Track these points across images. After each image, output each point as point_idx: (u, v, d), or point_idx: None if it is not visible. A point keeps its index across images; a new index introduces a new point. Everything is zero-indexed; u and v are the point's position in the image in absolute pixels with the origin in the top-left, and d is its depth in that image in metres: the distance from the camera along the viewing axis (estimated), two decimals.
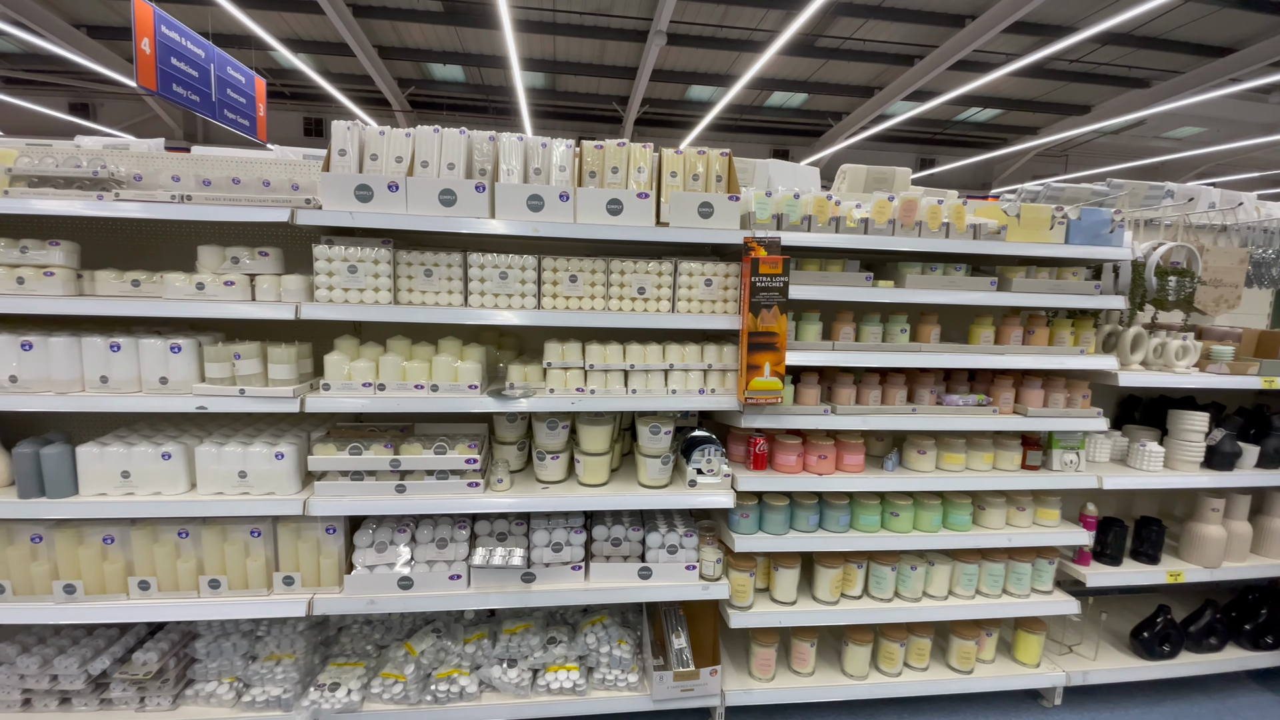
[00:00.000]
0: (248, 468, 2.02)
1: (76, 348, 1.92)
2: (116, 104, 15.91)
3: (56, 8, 11.62)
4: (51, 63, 14.11)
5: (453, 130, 2.09)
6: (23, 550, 2.00)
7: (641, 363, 2.17)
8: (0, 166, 1.89)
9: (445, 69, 13.90)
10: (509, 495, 2.16)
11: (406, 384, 2.06)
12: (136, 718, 2.08)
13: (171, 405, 1.94)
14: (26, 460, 1.93)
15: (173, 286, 1.92)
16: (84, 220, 2.22)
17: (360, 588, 2.09)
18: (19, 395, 1.90)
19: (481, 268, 2.08)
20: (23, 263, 1.89)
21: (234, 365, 1.97)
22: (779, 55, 8.74)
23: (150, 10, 7.15)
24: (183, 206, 1.88)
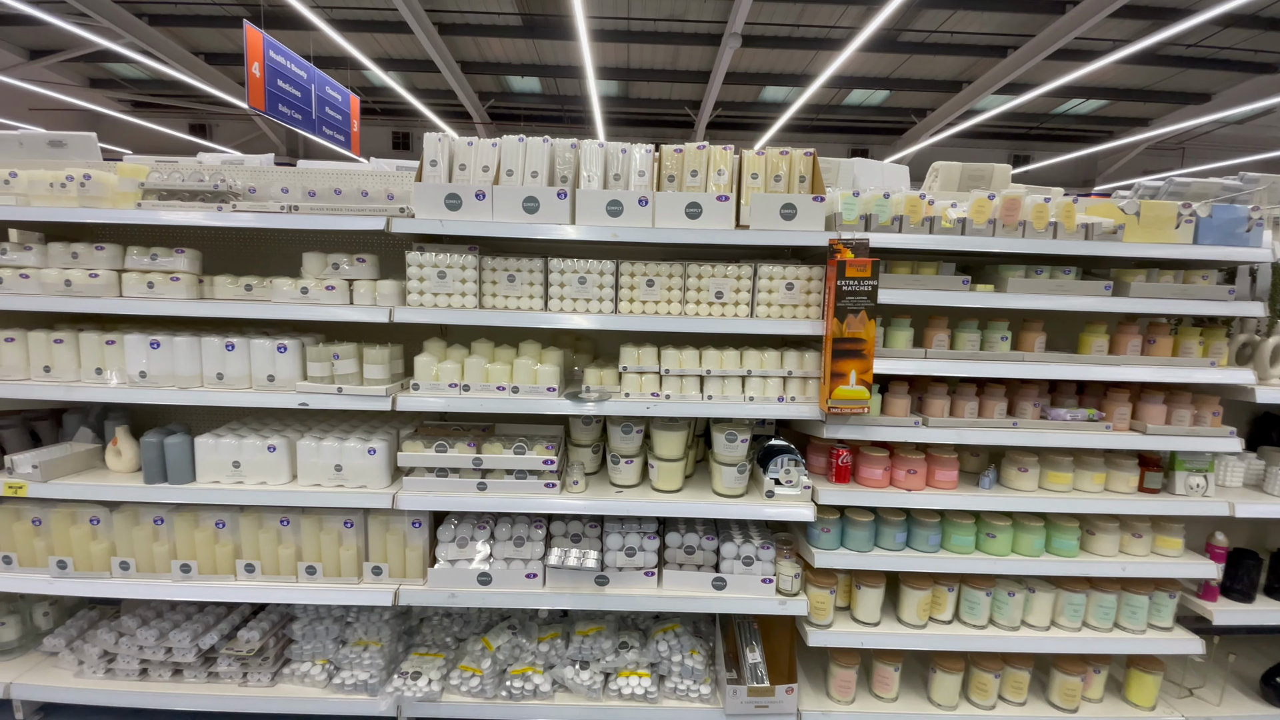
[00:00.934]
0: (343, 462, 2.13)
1: (197, 347, 2.10)
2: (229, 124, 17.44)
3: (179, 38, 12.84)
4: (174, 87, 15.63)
5: (536, 139, 2.13)
6: (146, 531, 2.20)
7: (718, 368, 2.13)
8: (134, 181, 2.09)
9: (523, 81, 14.34)
10: (584, 497, 2.17)
11: (489, 385, 2.11)
12: (239, 692, 2.23)
13: (277, 401, 2.08)
14: (152, 449, 2.12)
15: (280, 290, 2.06)
16: (205, 229, 2.43)
17: (442, 581, 2.16)
18: (147, 389, 2.09)
19: (561, 273, 2.11)
20: (153, 269, 2.08)
21: (333, 365, 2.08)
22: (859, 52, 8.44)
23: (260, 37, 7.78)
24: (291, 216, 2.01)
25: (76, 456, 2.23)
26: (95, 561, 2.17)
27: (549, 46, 12.44)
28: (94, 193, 2.05)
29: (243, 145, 17.36)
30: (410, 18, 10.05)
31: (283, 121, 8.24)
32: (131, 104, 16.73)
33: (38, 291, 2.07)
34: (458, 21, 11.83)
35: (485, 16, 11.43)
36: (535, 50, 12.61)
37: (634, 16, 10.07)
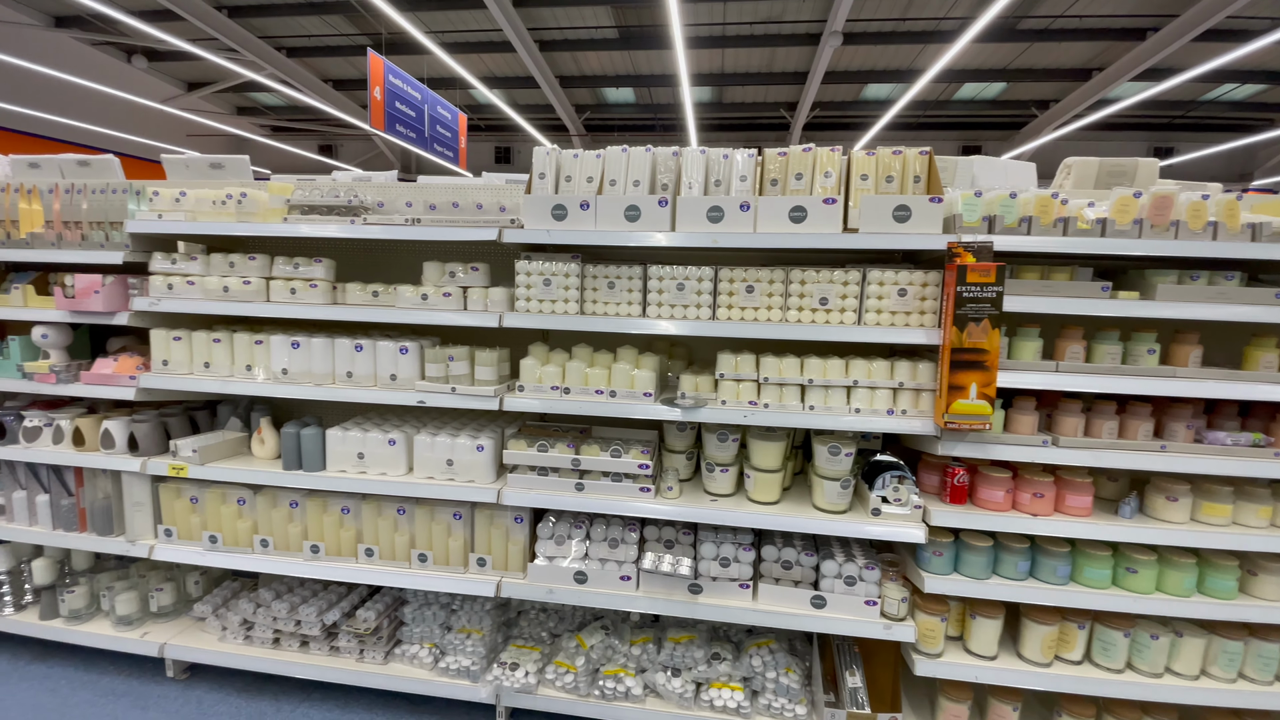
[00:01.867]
0: (454, 457, 2.26)
1: (331, 347, 2.30)
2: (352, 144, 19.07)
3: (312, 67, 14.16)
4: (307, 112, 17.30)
5: (639, 149, 2.16)
6: (283, 513, 2.43)
7: (821, 377, 2.06)
8: (281, 198, 2.32)
9: (618, 92, 14.63)
10: (678, 504, 2.17)
11: (588, 389, 2.16)
12: (356, 666, 2.41)
13: (398, 399, 2.23)
14: (290, 439, 2.34)
15: (403, 297, 2.22)
16: (339, 240, 2.66)
17: (541, 577, 2.23)
18: (288, 385, 2.31)
19: (660, 279, 2.12)
20: (295, 276, 2.30)
21: (447, 366, 2.21)
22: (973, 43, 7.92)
23: (381, 63, 8.43)
24: (414, 228, 2.16)
25: (227, 443, 2.51)
26: (240, 538, 2.43)
27: (644, 56, 12.63)
28: (248, 209, 2.31)
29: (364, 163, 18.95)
30: (514, 37, 10.54)
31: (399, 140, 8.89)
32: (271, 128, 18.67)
33: (201, 297, 2.35)
34: (557, 38, 12.27)
35: (583, 31, 11.77)
36: (630, 61, 12.85)
37: (729, 21, 10.01)
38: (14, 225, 2.50)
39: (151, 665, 2.63)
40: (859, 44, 9.77)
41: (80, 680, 2.54)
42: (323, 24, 12.29)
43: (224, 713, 2.37)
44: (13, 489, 2.65)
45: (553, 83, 12.87)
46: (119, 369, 2.44)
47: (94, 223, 2.43)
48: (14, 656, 2.67)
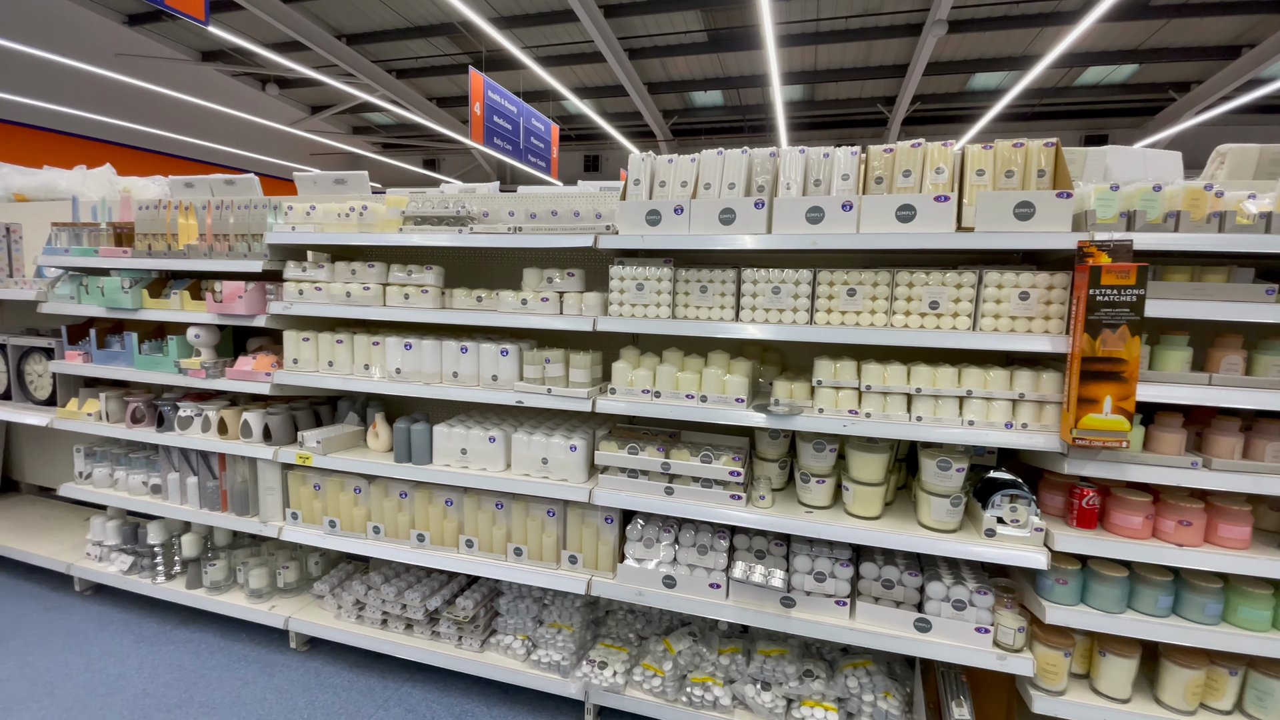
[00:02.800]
0: (549, 456, 2.33)
1: (439, 349, 2.44)
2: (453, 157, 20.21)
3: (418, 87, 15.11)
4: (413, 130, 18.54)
5: (735, 151, 2.14)
6: (393, 502, 2.60)
7: (930, 386, 1.94)
8: (397, 210, 2.49)
9: (706, 95, 14.60)
10: (769, 514, 2.12)
11: (678, 393, 2.16)
12: (455, 652, 2.53)
13: (498, 398, 2.33)
14: (401, 434, 2.51)
15: (504, 302, 2.32)
16: (448, 249, 2.82)
17: (630, 578, 2.25)
18: (401, 383, 2.48)
19: (754, 282, 2.09)
20: (408, 283, 2.46)
21: (544, 368, 2.29)
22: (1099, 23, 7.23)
23: (481, 80, 8.86)
24: (515, 236, 2.25)
25: (346, 436, 2.72)
26: (356, 524, 2.62)
27: (733, 58, 12.52)
28: (369, 220, 2.49)
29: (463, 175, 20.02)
30: (604, 47, 10.77)
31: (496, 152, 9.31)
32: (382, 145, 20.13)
33: (326, 301, 2.56)
34: (646, 45, 12.40)
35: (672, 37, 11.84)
36: (719, 64, 12.78)
37: (823, 17, 9.71)
38: (174, 238, 2.84)
39: (277, 636, 2.89)
40: (965, 31, 9.18)
41: (217, 645, 2.83)
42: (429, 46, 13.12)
43: (338, 685, 2.57)
44: (168, 471, 3.01)
45: (641, 90, 13.04)
46: (257, 366, 2.71)
47: (239, 235, 2.71)
48: (163, 620, 3.02)
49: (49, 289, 3.12)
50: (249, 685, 2.55)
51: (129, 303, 2.84)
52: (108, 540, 3.17)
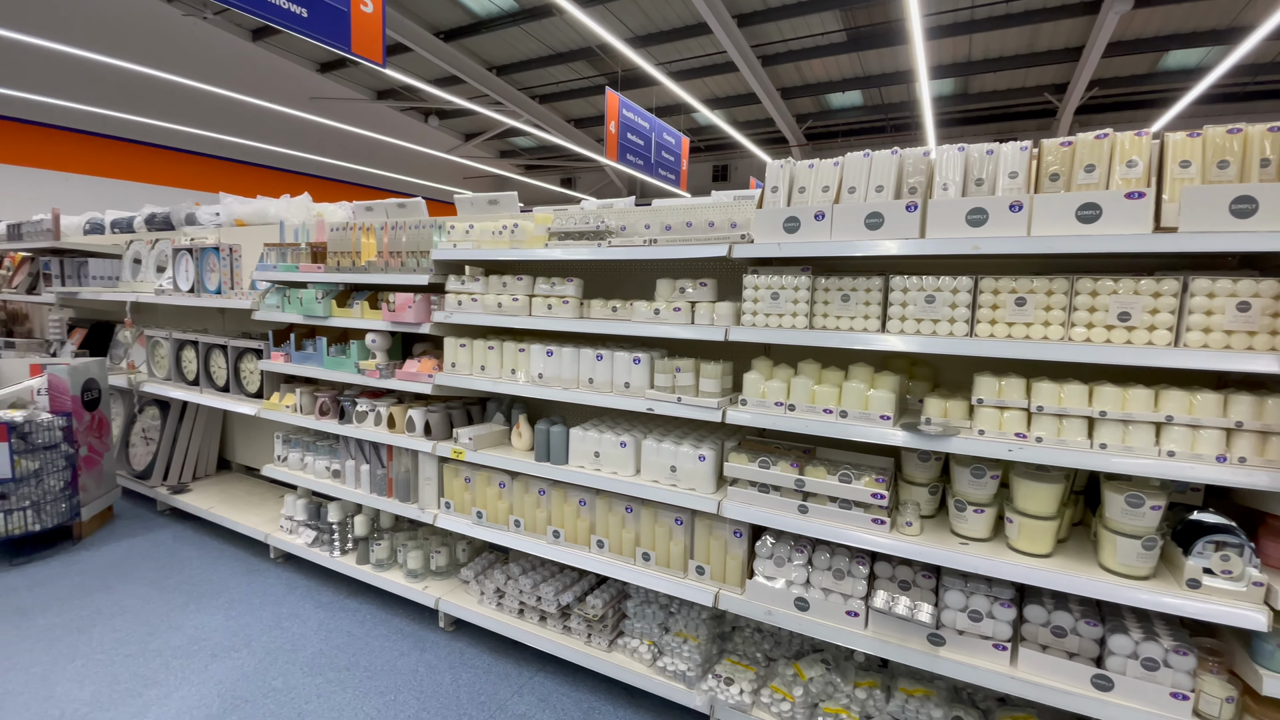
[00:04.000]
0: (677, 464, 2.34)
1: (577, 356, 2.56)
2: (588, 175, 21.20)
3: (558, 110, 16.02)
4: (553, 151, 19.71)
5: (884, 152, 2.02)
6: (532, 499, 2.75)
7: (1118, 410, 1.69)
8: (544, 227, 2.65)
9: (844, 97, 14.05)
10: (918, 542, 1.96)
11: (815, 407, 2.07)
12: (584, 648, 2.61)
13: (630, 405, 2.39)
14: (542, 434, 2.65)
15: (638, 311, 2.38)
16: (587, 262, 2.95)
17: (759, 596, 2.19)
18: (542, 388, 2.63)
19: (904, 291, 1.95)
20: (551, 294, 2.61)
21: (674, 377, 2.31)
22: None
23: (617, 99, 9.20)
24: (649, 248, 2.31)
25: (494, 434, 2.93)
26: (499, 516, 2.81)
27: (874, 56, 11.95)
28: (519, 237, 2.68)
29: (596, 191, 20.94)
30: (737, 56, 10.74)
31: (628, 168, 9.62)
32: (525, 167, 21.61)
33: (481, 311, 2.79)
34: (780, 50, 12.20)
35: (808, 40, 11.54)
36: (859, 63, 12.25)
37: (978, 4, 8.96)
38: (357, 255, 3.25)
39: (428, 614, 3.17)
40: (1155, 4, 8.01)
41: (379, 617, 3.16)
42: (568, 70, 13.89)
43: (478, 666, 2.76)
44: (346, 458, 3.43)
45: (774, 96, 12.83)
46: (421, 368, 3.02)
47: (409, 252, 3.04)
48: (337, 589, 3.43)
49: (260, 299, 3.70)
50: (404, 657, 2.82)
51: (321, 311, 3.29)
52: (297, 516, 3.68)
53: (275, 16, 4.09)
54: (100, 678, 2.61)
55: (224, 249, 3.95)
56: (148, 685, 2.58)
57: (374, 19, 4.93)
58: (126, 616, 3.10)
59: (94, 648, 2.82)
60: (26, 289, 5.76)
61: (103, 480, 4.22)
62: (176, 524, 4.31)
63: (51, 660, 2.72)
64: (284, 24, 4.16)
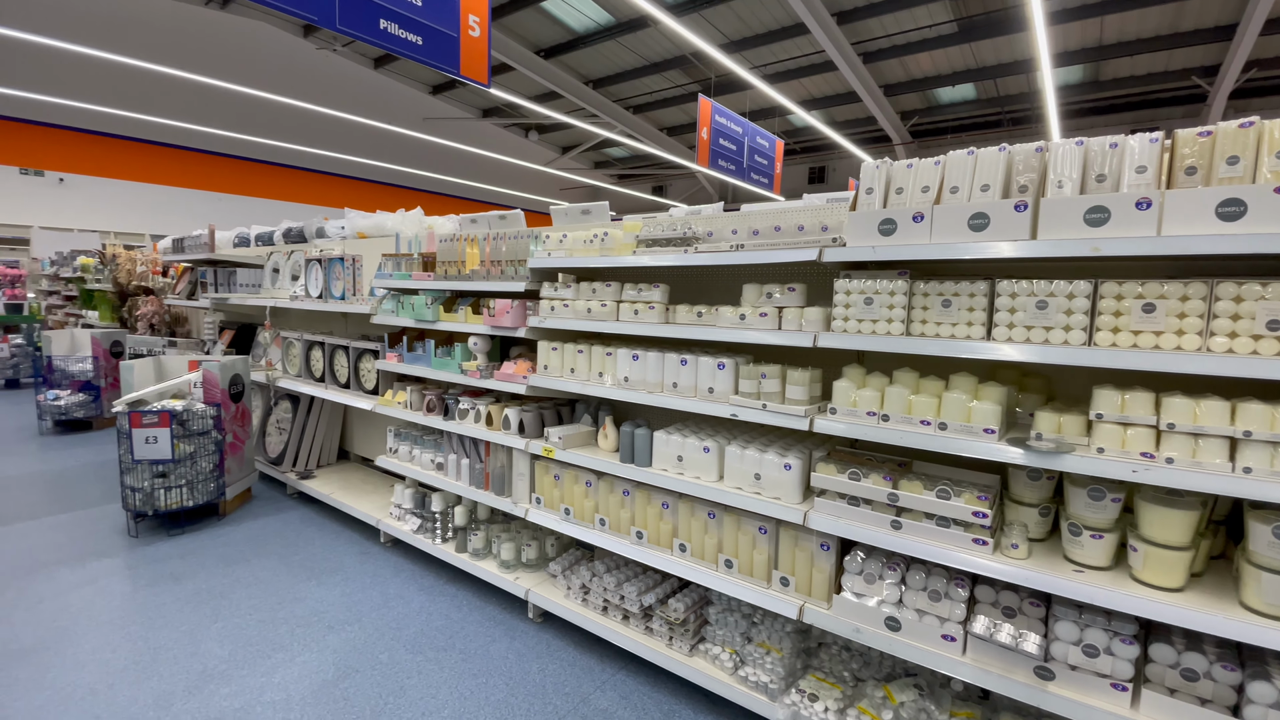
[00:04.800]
0: (762, 472, 2.31)
1: (661, 361, 2.60)
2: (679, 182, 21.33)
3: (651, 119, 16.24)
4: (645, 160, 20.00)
5: (990, 150, 1.91)
6: (617, 499, 2.81)
7: (1266, 430, 1.49)
8: (632, 235, 2.72)
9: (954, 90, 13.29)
10: (1025, 566, 1.82)
11: (911, 418, 1.98)
12: (665, 650, 2.63)
13: (713, 410, 2.40)
14: (627, 436, 2.71)
15: (723, 317, 2.38)
16: (674, 268, 2.98)
17: (847, 612, 2.11)
18: (628, 391, 2.69)
19: (1013, 296, 1.83)
20: (638, 300, 2.67)
21: (759, 383, 2.29)
22: None
23: (709, 105, 9.20)
24: (736, 254, 2.31)
25: (581, 434, 3.03)
26: (586, 514, 2.90)
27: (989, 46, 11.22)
28: (609, 245, 2.77)
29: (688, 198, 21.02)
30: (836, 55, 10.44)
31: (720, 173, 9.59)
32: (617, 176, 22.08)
33: (572, 316, 2.90)
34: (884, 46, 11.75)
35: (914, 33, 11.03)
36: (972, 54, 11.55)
37: None
38: (462, 264, 3.48)
39: (518, 605, 3.32)
40: None
41: (474, 604, 3.35)
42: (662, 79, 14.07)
43: (564, 659, 2.85)
44: (449, 452, 3.66)
45: (876, 93, 12.35)
46: (517, 370, 3.18)
47: (508, 261, 3.22)
48: (438, 575, 3.67)
49: (378, 305, 4.04)
50: (496, 643, 2.97)
51: (430, 316, 3.55)
52: (404, 504, 3.97)
53: (395, 45, 4.48)
54: (236, 639, 2.96)
55: (347, 259, 4.36)
56: (275, 649, 2.89)
57: (480, 42, 5.26)
58: (259, 586, 3.48)
59: (232, 611, 3.20)
60: (187, 295, 6.64)
61: (243, 464, 4.77)
62: (303, 506, 4.78)
63: (198, 620, 3.12)
64: (401, 51, 4.54)
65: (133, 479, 4.06)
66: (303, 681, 2.65)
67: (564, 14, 12.00)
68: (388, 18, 4.47)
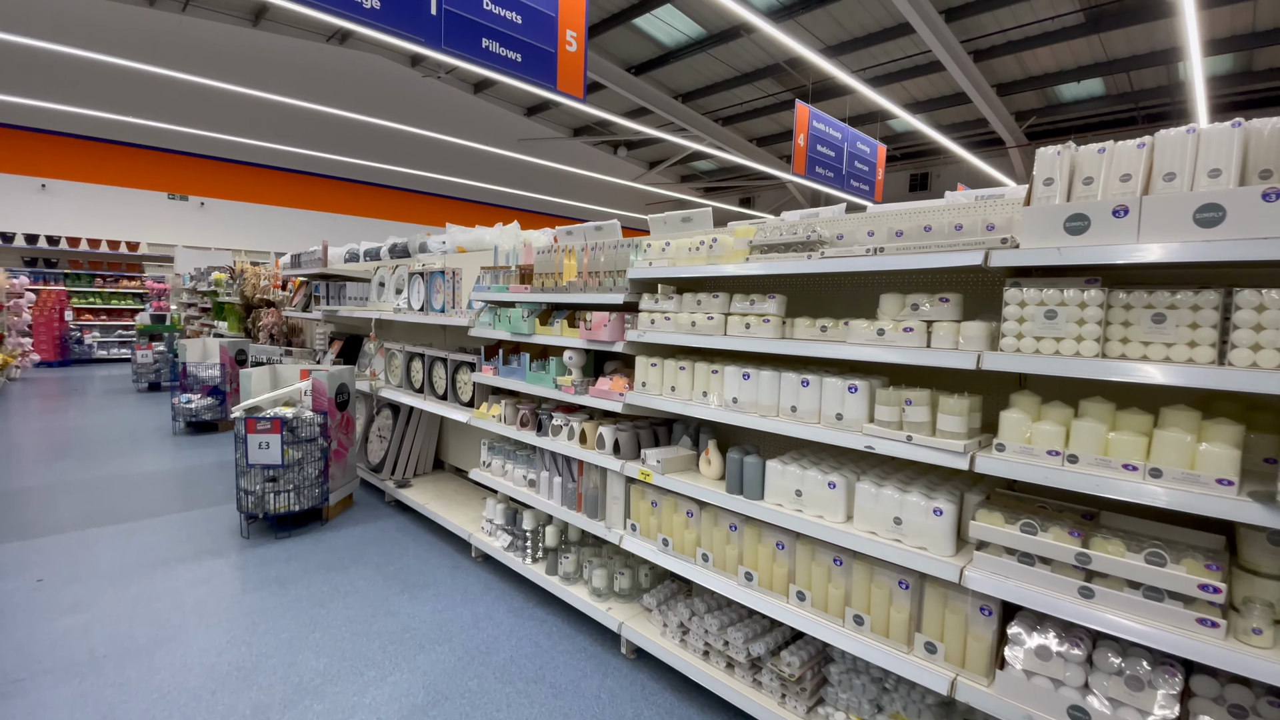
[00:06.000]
0: (903, 515, 1.97)
1: (777, 381, 2.32)
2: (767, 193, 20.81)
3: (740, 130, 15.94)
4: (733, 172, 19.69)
5: (1220, 126, 1.51)
6: (722, 533, 2.54)
7: None
8: (745, 241, 2.47)
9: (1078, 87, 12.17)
10: (1270, 657, 1.38)
11: (1109, 460, 1.59)
12: (777, 709, 2.33)
13: (842, 440, 2.08)
14: (735, 464, 2.45)
15: (855, 332, 2.07)
16: (790, 277, 2.71)
17: (1014, 692, 1.73)
18: (736, 413, 2.42)
19: (1259, 310, 1.42)
20: (749, 312, 2.41)
21: (902, 411, 1.96)
22: None
23: (807, 111, 8.81)
24: (875, 259, 2.00)
25: (681, 458, 2.79)
26: (686, 546, 2.65)
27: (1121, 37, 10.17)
28: (717, 252, 2.54)
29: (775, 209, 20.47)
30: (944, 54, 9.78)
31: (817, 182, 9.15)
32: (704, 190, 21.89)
33: (673, 330, 2.68)
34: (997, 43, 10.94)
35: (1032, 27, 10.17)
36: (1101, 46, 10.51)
37: None
38: (559, 276, 3.36)
39: (610, 637, 3.11)
40: None
41: (564, 632, 3.17)
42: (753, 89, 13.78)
43: (660, 704, 2.60)
44: (541, 469, 3.54)
45: (987, 93, 11.48)
46: (613, 386, 3.00)
47: (606, 272, 3.06)
48: (527, 597, 3.53)
49: (475, 318, 4.02)
50: (587, 679, 2.77)
51: (526, 329, 3.46)
52: (495, 519, 3.89)
53: (495, 63, 4.52)
54: (332, 652, 2.93)
55: (448, 272, 4.39)
56: (368, 665, 2.83)
57: (577, 56, 5.23)
58: (356, 596, 3.49)
59: (329, 622, 3.20)
60: (302, 307, 7.04)
61: (346, 471, 4.91)
62: (399, 515, 4.84)
63: (297, 628, 3.13)
64: (501, 69, 4.58)
65: (246, 482, 4.24)
66: (393, 704, 2.56)
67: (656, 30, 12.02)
68: (489, 36, 4.52)
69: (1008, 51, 10.58)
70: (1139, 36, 9.89)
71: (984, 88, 10.95)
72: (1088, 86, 11.84)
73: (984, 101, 11.08)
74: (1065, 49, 10.51)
